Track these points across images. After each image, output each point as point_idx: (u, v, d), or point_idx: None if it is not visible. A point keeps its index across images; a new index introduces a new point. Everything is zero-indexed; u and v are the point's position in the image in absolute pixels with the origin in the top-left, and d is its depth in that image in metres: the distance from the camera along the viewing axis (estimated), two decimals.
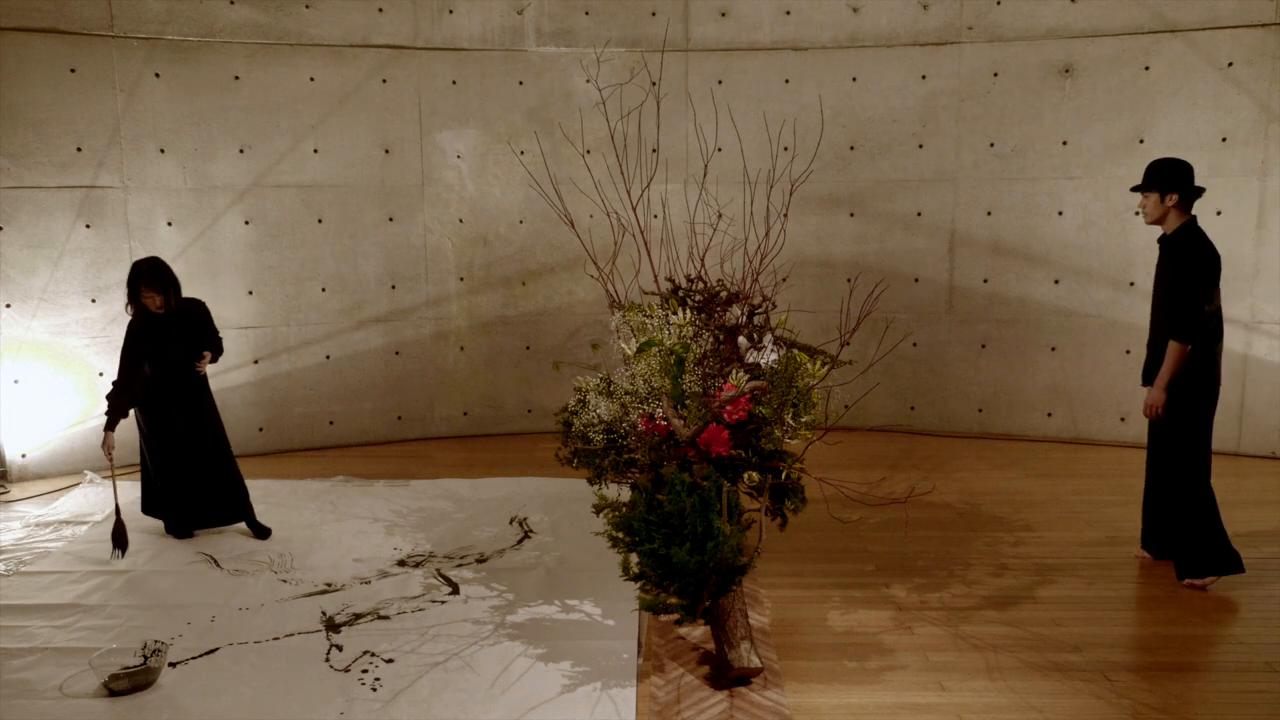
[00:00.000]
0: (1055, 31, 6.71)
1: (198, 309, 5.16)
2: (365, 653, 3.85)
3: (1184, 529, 4.42)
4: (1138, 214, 6.67)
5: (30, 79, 6.06)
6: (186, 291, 5.18)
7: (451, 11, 6.90)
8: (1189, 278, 4.27)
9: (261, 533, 5.19)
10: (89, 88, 6.20)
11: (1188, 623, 4.14)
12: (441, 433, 7.29)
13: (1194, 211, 4.41)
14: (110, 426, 4.92)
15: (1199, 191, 4.39)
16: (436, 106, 6.96)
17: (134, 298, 4.99)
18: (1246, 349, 6.49)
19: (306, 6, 6.63)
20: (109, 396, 4.97)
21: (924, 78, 6.97)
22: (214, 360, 5.21)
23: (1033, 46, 6.77)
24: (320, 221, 6.86)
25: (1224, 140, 6.41)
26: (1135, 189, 4.51)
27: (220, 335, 5.26)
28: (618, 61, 6.82)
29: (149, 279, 4.94)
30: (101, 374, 6.34)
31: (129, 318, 5.05)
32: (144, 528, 5.22)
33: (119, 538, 4.88)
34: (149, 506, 5.19)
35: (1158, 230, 4.53)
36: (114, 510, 4.93)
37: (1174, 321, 4.30)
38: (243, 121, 6.59)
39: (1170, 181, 4.36)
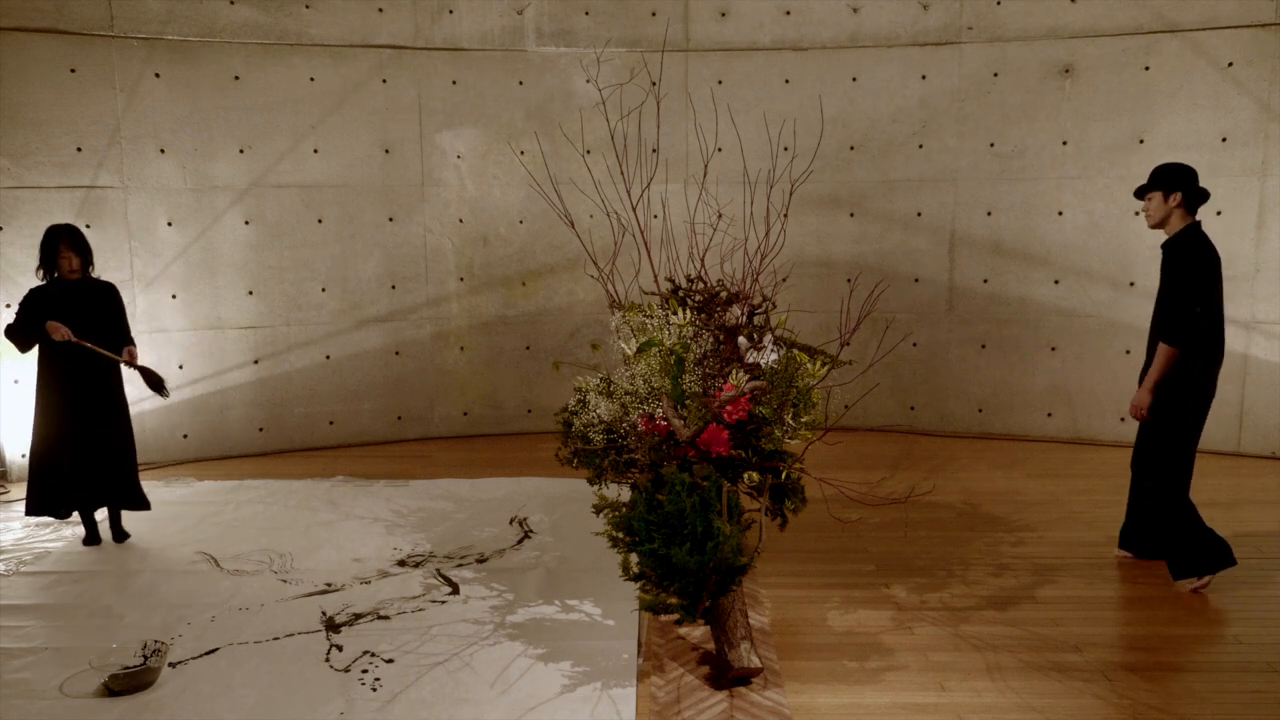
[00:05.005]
0: (1055, 31, 6.71)
1: (109, 289, 5.08)
2: (365, 653, 3.85)
3: (1170, 532, 4.41)
4: (1138, 214, 6.68)
5: (30, 79, 6.06)
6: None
7: (451, 11, 6.90)
8: (1182, 280, 4.25)
9: (121, 535, 5.11)
10: (89, 88, 6.20)
11: (1188, 623, 4.14)
12: (441, 433, 7.29)
13: (1198, 216, 4.36)
14: (31, 332, 4.90)
15: (1204, 195, 4.34)
16: (436, 106, 6.96)
17: (50, 260, 4.91)
18: (1246, 349, 6.48)
19: (306, 6, 6.63)
20: (10, 328, 4.92)
21: (924, 78, 6.97)
22: (134, 359, 5.03)
23: (1033, 46, 6.77)
24: (320, 221, 6.86)
25: (1224, 140, 6.41)
26: (1139, 192, 4.44)
27: (132, 335, 5.12)
28: (618, 62, 6.82)
29: (68, 239, 4.90)
30: None
31: (37, 283, 4.96)
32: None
33: (156, 384, 5.06)
34: (38, 504, 4.98)
35: (1159, 230, 4.49)
36: (139, 370, 5.02)
37: (1165, 324, 4.28)
38: (243, 121, 6.59)
39: (1174, 181, 4.32)
